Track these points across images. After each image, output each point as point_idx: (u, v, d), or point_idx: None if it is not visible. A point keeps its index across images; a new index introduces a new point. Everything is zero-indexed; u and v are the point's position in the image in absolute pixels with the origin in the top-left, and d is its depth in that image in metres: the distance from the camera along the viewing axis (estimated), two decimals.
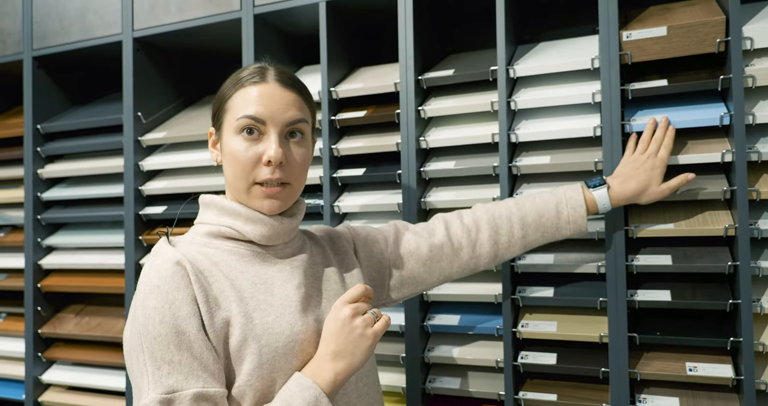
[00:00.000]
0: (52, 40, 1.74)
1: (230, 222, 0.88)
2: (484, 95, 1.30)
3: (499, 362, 1.23)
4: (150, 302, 0.78)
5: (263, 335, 0.82)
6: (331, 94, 1.40)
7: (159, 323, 0.77)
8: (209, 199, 0.91)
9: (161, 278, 0.79)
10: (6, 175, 1.82)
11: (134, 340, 0.78)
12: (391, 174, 1.34)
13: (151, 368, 0.75)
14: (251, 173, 0.86)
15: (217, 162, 0.92)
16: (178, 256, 0.81)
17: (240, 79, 0.88)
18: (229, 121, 0.87)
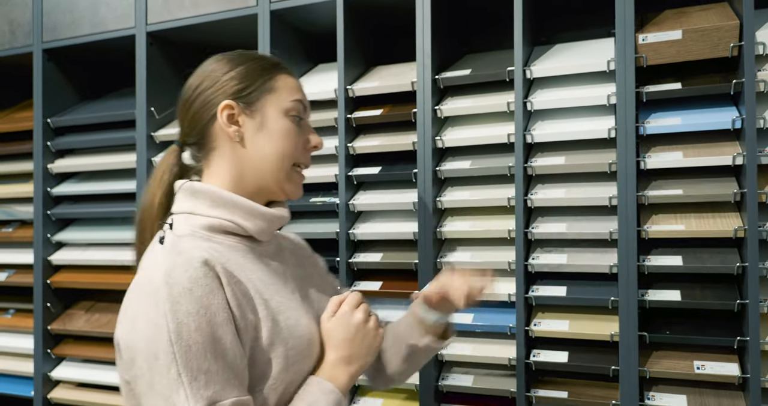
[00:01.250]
0: (62, 32, 1.87)
1: (228, 215, 0.88)
2: (501, 96, 1.44)
3: (511, 360, 1.37)
4: (182, 307, 0.76)
5: (289, 338, 0.85)
6: (347, 92, 1.54)
7: (195, 330, 0.75)
8: (199, 188, 0.89)
9: (192, 280, 0.77)
10: (15, 169, 1.96)
11: (162, 348, 0.75)
12: (407, 173, 1.48)
13: (187, 379, 0.74)
14: (298, 156, 0.93)
15: (239, 139, 0.90)
16: (205, 254, 0.81)
17: (276, 64, 0.94)
18: (279, 100, 0.91)
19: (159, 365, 0.75)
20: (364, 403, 1.51)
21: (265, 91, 0.91)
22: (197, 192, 0.89)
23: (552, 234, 1.36)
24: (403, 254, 1.50)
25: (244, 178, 0.91)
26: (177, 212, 0.90)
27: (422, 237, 1.45)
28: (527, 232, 1.37)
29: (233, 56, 0.95)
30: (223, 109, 0.90)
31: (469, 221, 1.45)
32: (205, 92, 0.91)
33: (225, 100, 0.90)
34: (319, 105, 1.64)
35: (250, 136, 0.90)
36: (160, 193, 0.93)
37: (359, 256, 1.53)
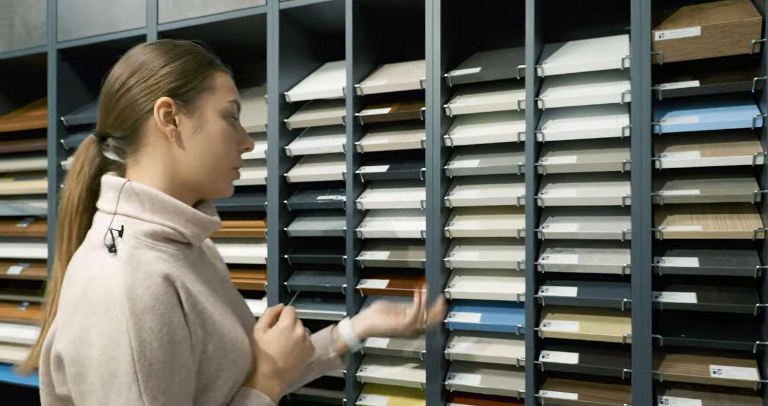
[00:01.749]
0: (76, 32, 1.71)
1: (168, 221, 0.77)
2: (511, 94, 1.27)
3: (520, 360, 1.21)
4: (146, 325, 0.66)
5: (231, 352, 0.77)
6: (355, 90, 1.37)
7: (157, 348, 0.67)
8: (139, 189, 0.76)
9: (155, 297, 0.68)
10: (29, 166, 1.80)
11: (122, 366, 0.65)
12: (415, 171, 1.31)
13: (148, 398, 0.66)
14: (231, 157, 0.83)
15: (176, 138, 0.78)
16: (164, 269, 0.71)
17: (212, 61, 0.83)
18: (217, 100, 0.81)
19: (118, 383, 0.66)
20: (369, 400, 1.34)
21: (203, 89, 0.80)
22: (137, 194, 0.76)
23: (563, 234, 1.19)
24: (410, 253, 1.33)
25: (177, 178, 0.80)
26: (110, 212, 0.76)
27: (430, 236, 1.28)
28: (537, 231, 1.21)
29: (167, 48, 0.80)
30: (160, 107, 0.77)
31: (477, 220, 1.29)
32: (138, 85, 0.78)
33: (162, 97, 0.77)
34: (326, 103, 1.48)
35: (187, 136, 0.79)
36: (80, 188, 0.80)
37: (366, 254, 1.36)
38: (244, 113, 1.58)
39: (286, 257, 1.42)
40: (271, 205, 1.42)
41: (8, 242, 1.86)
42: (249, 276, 1.47)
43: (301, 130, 1.51)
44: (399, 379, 1.31)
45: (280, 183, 1.43)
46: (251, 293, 1.44)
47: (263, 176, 1.45)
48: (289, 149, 1.44)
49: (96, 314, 0.67)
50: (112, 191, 0.77)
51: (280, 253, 1.42)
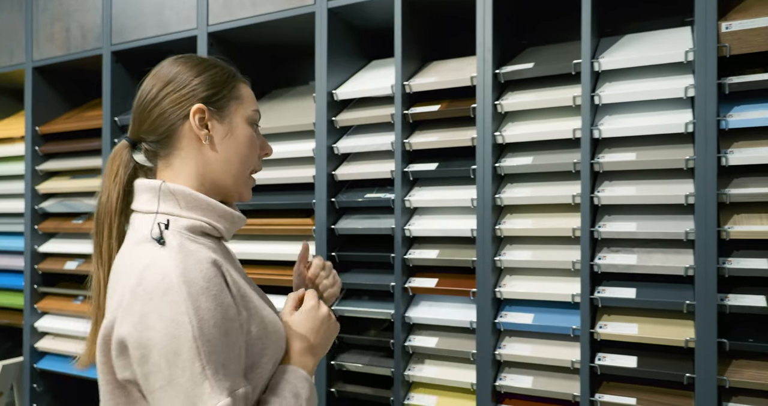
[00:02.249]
0: (129, 35, 1.77)
1: (203, 216, 0.83)
2: (565, 89, 1.24)
3: (574, 362, 1.18)
4: (202, 304, 0.72)
5: (272, 332, 0.83)
6: (404, 88, 1.37)
7: (213, 325, 0.73)
8: (175, 188, 0.82)
9: (207, 279, 0.74)
10: (84, 165, 1.86)
11: (185, 345, 0.71)
12: (465, 169, 1.30)
13: (211, 372, 0.72)
14: (255, 162, 0.91)
15: (208, 142, 0.85)
16: (212, 255, 0.77)
17: (235, 73, 0.90)
18: (244, 109, 0.88)
19: (182, 359, 0.71)
20: (418, 400, 1.34)
21: (232, 98, 0.87)
22: (173, 193, 0.82)
23: (620, 233, 1.16)
24: (459, 252, 1.32)
25: (207, 178, 0.86)
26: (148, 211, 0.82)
27: (480, 234, 1.27)
28: (593, 231, 1.18)
29: (196, 62, 0.88)
30: (196, 113, 0.84)
31: (529, 218, 1.27)
32: (174, 93, 0.85)
33: (197, 104, 0.84)
34: (374, 101, 1.48)
35: (218, 140, 0.86)
36: (117, 189, 0.86)
37: (414, 252, 1.36)
38: (293, 111, 1.60)
39: (334, 255, 1.44)
40: (319, 202, 1.44)
41: (64, 238, 1.93)
42: None
43: (348, 128, 1.52)
44: (448, 379, 1.30)
45: (327, 181, 1.44)
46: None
47: (311, 174, 1.46)
48: (336, 147, 1.46)
49: (154, 299, 0.72)
50: (148, 193, 0.83)
51: (328, 250, 1.43)
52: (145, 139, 0.86)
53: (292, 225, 1.49)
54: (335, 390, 1.42)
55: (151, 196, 0.82)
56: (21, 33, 2.00)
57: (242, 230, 1.52)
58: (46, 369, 1.90)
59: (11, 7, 2.03)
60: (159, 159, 0.86)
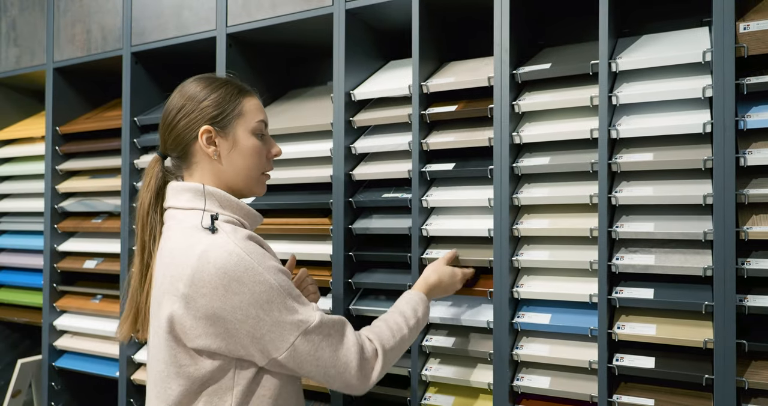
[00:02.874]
0: (149, 36, 1.81)
1: (233, 214, 1.02)
2: (583, 90, 1.27)
3: (592, 363, 1.20)
4: (266, 263, 0.93)
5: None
6: (421, 88, 1.40)
7: (280, 272, 0.95)
8: (212, 190, 1.02)
9: (255, 248, 0.95)
10: (104, 164, 1.91)
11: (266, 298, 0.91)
12: (482, 169, 1.33)
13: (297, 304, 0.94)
14: (263, 165, 1.07)
15: (217, 157, 1.03)
16: (245, 232, 0.97)
17: (241, 90, 1.06)
18: (247, 122, 1.04)
19: (277, 303, 0.93)
20: (434, 400, 1.37)
21: (235, 116, 1.03)
22: (209, 194, 1.01)
23: (638, 233, 1.18)
24: (477, 251, 1.35)
25: (222, 185, 1.04)
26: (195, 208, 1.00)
27: (498, 234, 1.29)
28: (611, 231, 1.20)
29: (208, 82, 1.05)
30: (203, 134, 1.01)
31: (547, 218, 1.29)
32: (187, 117, 1.02)
33: (204, 125, 1.01)
34: (391, 101, 1.52)
35: (225, 155, 1.03)
36: (149, 196, 1.05)
37: (432, 252, 1.39)
38: (311, 111, 1.64)
39: (351, 254, 1.47)
40: (336, 202, 1.47)
41: (83, 237, 1.99)
42: (314, 273, 1.52)
43: (366, 129, 1.56)
44: (465, 379, 1.33)
45: (345, 180, 1.47)
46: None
47: (329, 174, 1.50)
48: (354, 147, 1.49)
49: (228, 271, 0.91)
50: (188, 193, 1.01)
51: (345, 250, 1.46)
52: (170, 154, 1.06)
53: (310, 225, 1.52)
54: None
55: (192, 196, 1.01)
56: (42, 34, 2.06)
57: (260, 230, 1.55)
58: (64, 367, 1.95)
59: (33, 9, 2.09)
60: (183, 170, 1.06)
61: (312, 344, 0.95)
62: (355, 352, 0.99)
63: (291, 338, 0.93)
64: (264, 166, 1.07)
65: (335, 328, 0.98)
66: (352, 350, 0.98)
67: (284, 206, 1.57)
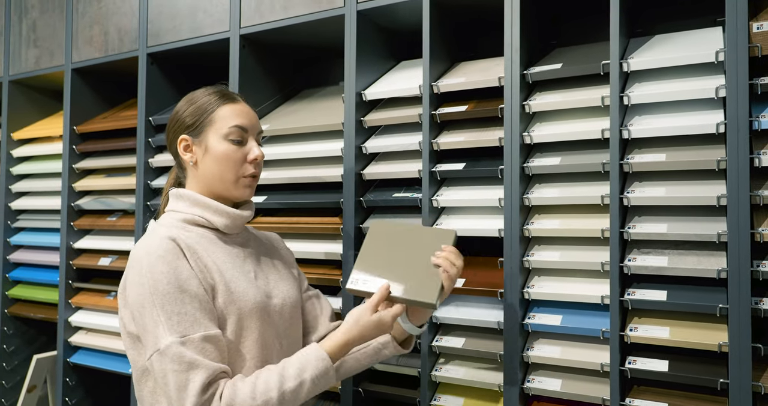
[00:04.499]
0: (164, 37, 1.83)
1: (201, 212, 1.08)
2: (594, 90, 1.25)
3: (604, 365, 1.19)
4: (157, 268, 0.95)
5: (238, 300, 1.02)
6: (432, 88, 1.40)
7: (167, 284, 0.95)
8: (183, 193, 1.09)
9: (164, 250, 0.97)
10: (120, 163, 1.93)
11: (145, 299, 0.94)
12: (492, 169, 1.32)
13: (164, 318, 0.93)
14: (240, 169, 1.08)
15: (193, 163, 1.09)
16: (172, 234, 1.01)
17: (218, 98, 1.10)
18: (218, 129, 1.07)
19: (146, 311, 0.95)
20: (444, 401, 1.36)
21: (207, 124, 1.08)
22: (181, 196, 1.09)
23: (651, 234, 1.17)
24: (487, 251, 1.34)
25: (207, 188, 1.09)
26: (167, 210, 1.11)
27: (508, 234, 1.28)
28: (623, 232, 1.18)
29: (193, 95, 1.12)
30: (180, 142, 1.10)
31: (558, 219, 1.28)
32: (172, 129, 1.12)
33: (181, 135, 1.10)
34: (402, 102, 1.52)
35: (200, 160, 1.08)
36: (165, 200, 1.15)
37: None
38: (322, 111, 1.65)
39: None
40: (347, 201, 1.47)
41: (99, 235, 2.01)
42: (324, 272, 1.52)
43: (376, 129, 1.56)
44: (475, 380, 1.32)
45: (356, 180, 1.48)
46: (327, 289, 1.49)
47: (339, 173, 1.50)
48: (365, 147, 1.49)
49: (132, 271, 0.99)
50: (172, 197, 1.12)
51: (356, 249, 1.46)
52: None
53: (320, 224, 1.53)
54: (362, 389, 1.45)
55: (173, 199, 1.11)
56: (61, 36, 2.09)
57: (271, 229, 1.56)
58: (78, 363, 1.97)
59: (52, 11, 2.13)
60: (185, 176, 1.13)
61: (162, 366, 0.93)
62: (192, 403, 0.90)
63: (150, 349, 0.94)
64: (238, 170, 1.08)
65: (182, 367, 0.91)
66: (190, 399, 0.90)
67: (295, 205, 1.57)
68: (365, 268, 1.09)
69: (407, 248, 1.09)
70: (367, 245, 1.12)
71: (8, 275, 2.21)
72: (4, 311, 2.21)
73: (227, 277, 1.03)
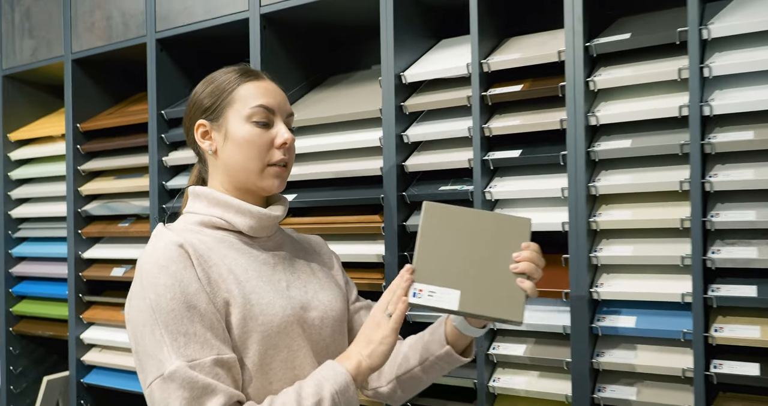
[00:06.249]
0: (175, 20, 1.89)
1: (220, 213, 1.07)
2: (668, 62, 1.28)
3: (686, 370, 1.22)
4: (160, 281, 0.94)
5: (261, 315, 1.00)
6: (481, 66, 1.44)
7: (171, 299, 0.93)
8: (200, 191, 1.09)
9: (168, 259, 0.96)
10: (131, 163, 2.00)
11: (147, 316, 0.93)
12: (553, 155, 1.36)
13: (168, 339, 0.91)
14: (265, 156, 1.07)
15: (213, 151, 1.09)
16: (180, 239, 0.99)
17: (238, 77, 1.10)
18: (238, 110, 1.07)
19: (147, 330, 0.93)
20: None
21: (226, 105, 1.08)
22: (198, 194, 1.09)
23: (738, 223, 1.19)
24: (549, 247, 1.38)
25: (231, 182, 1.09)
26: (184, 211, 1.12)
27: (573, 228, 1.32)
28: (706, 221, 1.22)
29: (212, 76, 1.13)
30: (198, 128, 1.10)
31: (629, 209, 1.31)
32: (188, 115, 1.13)
33: (198, 120, 1.10)
34: (445, 83, 1.56)
35: (220, 147, 1.08)
36: (185, 201, 1.16)
37: None
38: (354, 98, 1.70)
39: (406, 255, 1.52)
40: (388, 197, 1.53)
41: (110, 243, 2.09)
42: (365, 276, 1.57)
43: (416, 115, 1.61)
44: (539, 390, 1.36)
45: (397, 173, 1.53)
46: (368, 295, 1.54)
47: (378, 166, 1.55)
48: (406, 135, 1.54)
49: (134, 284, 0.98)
50: (189, 196, 1.12)
51: (399, 250, 1.51)
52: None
53: (358, 223, 1.58)
54: (410, 404, 1.50)
55: (191, 199, 1.11)
56: (59, 23, 2.17)
57: (302, 229, 1.62)
58: (93, 384, 2.06)
59: None
60: (205, 167, 1.14)
61: (165, 395, 0.91)
62: None
63: (151, 376, 0.92)
64: (264, 157, 1.07)
65: (194, 394, 0.90)
66: None
67: (329, 203, 1.63)
68: (428, 274, 1.01)
69: (475, 243, 1.03)
70: (424, 239, 1.04)
71: (12, 290, 2.31)
72: (9, 330, 2.31)
73: (247, 288, 1.02)
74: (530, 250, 1.04)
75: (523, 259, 1.02)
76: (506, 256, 1.03)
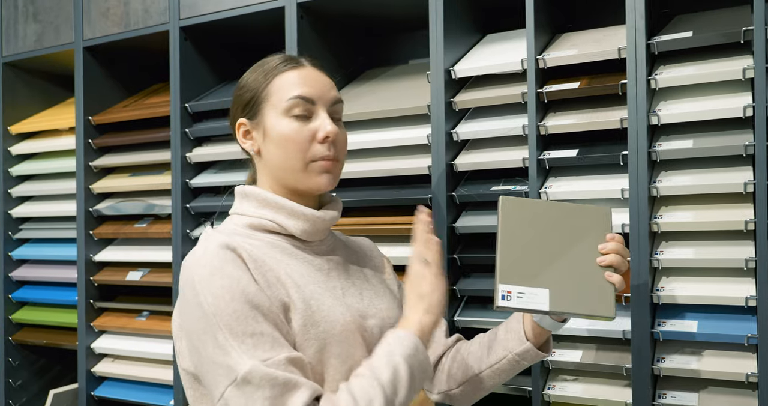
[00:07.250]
0: (202, 8, 2.00)
1: (271, 215, 1.12)
2: (731, 61, 1.43)
3: (750, 375, 1.36)
4: (215, 283, 0.98)
5: (321, 322, 1.05)
6: (538, 62, 1.58)
7: (231, 300, 0.97)
8: (249, 190, 1.14)
9: (222, 260, 1.00)
10: (148, 159, 2.12)
11: (206, 323, 0.97)
12: (613, 155, 1.50)
13: (236, 343, 0.94)
14: (308, 152, 1.11)
15: (255, 151, 1.15)
16: (232, 242, 1.03)
17: (274, 67, 1.14)
18: (274, 105, 1.11)
19: (207, 338, 0.96)
20: None
21: (262, 100, 1.13)
22: (247, 195, 1.14)
23: None
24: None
25: (278, 183, 1.14)
26: (230, 213, 1.17)
27: (634, 230, 1.46)
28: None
29: (257, 64, 1.18)
30: (239, 127, 1.16)
31: (691, 210, 1.46)
32: (231, 111, 1.19)
33: (239, 118, 1.16)
34: (496, 79, 1.69)
35: (262, 146, 1.14)
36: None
37: None
38: (395, 93, 1.83)
39: (455, 257, 1.66)
40: (436, 197, 1.66)
41: (124, 245, 2.21)
42: None
43: (464, 112, 1.75)
44: (598, 398, 1.50)
45: (447, 172, 1.66)
46: None
47: (426, 164, 1.69)
48: (455, 133, 1.68)
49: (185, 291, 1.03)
50: (236, 197, 1.18)
51: (448, 252, 1.65)
52: None
53: (405, 224, 1.70)
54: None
55: (238, 199, 1.17)
56: (69, 8, 2.26)
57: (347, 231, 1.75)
58: (105, 397, 2.16)
59: None
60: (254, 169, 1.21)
61: (246, 400, 0.92)
62: None
63: (221, 386, 0.95)
64: (306, 153, 1.10)
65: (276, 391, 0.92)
66: None
67: (373, 203, 1.76)
68: (515, 274, 1.06)
69: (556, 236, 1.09)
70: (504, 237, 1.09)
71: (12, 295, 2.40)
72: (8, 339, 2.41)
73: (307, 293, 1.06)
74: (615, 241, 1.10)
75: (609, 251, 1.09)
76: (590, 248, 1.10)
